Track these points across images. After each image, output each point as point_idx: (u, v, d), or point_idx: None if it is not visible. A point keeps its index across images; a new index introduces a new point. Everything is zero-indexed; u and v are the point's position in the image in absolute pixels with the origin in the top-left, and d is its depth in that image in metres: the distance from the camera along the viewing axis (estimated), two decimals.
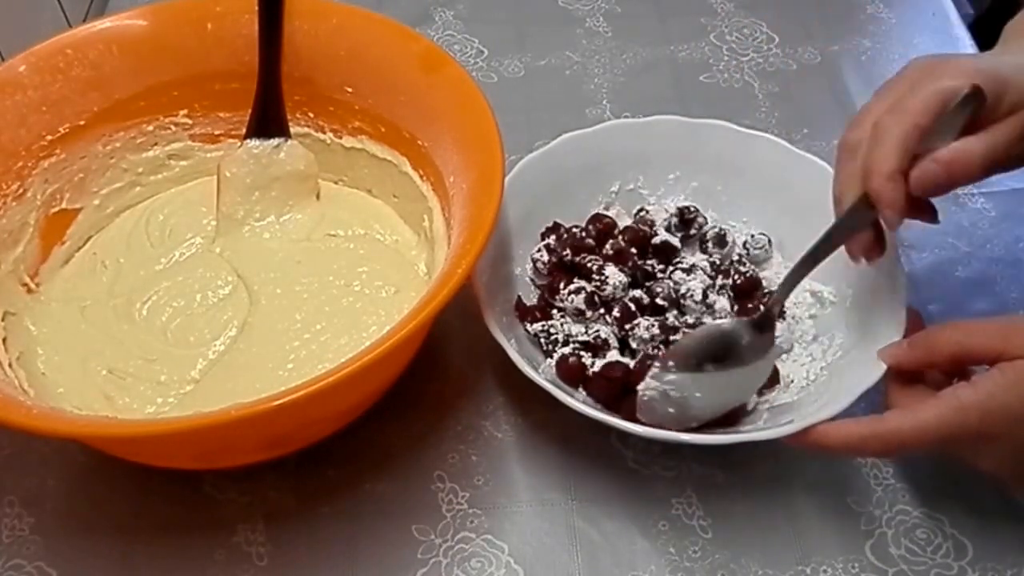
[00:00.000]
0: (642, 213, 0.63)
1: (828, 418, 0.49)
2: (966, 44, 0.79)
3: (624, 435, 0.56)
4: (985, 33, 0.82)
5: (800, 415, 0.51)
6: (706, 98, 0.76)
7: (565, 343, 0.56)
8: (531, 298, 0.60)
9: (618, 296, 0.57)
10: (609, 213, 0.63)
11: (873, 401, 0.50)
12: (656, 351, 0.55)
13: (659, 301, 0.57)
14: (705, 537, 0.53)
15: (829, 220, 0.59)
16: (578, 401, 0.51)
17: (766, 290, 0.60)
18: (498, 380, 0.59)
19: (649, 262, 0.60)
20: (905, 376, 0.50)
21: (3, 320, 0.56)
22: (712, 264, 0.61)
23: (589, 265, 0.58)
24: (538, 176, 0.61)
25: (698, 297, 0.57)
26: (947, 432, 0.46)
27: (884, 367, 0.50)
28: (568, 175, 0.62)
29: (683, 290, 0.57)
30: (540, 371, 0.53)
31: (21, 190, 0.58)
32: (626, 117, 0.66)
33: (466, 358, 0.60)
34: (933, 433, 0.46)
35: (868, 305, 0.56)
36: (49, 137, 0.59)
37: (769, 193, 0.62)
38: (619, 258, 0.59)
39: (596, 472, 0.55)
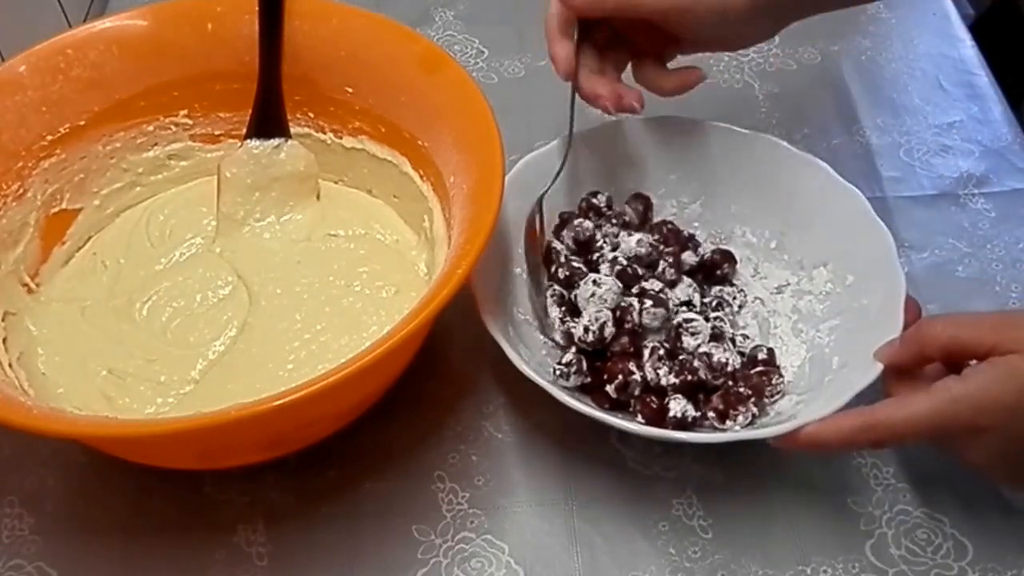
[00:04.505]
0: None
1: (821, 417, 0.49)
2: (967, 45, 0.79)
3: (624, 435, 0.56)
4: (986, 33, 0.83)
5: (799, 415, 0.51)
6: (706, 98, 0.75)
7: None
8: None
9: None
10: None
11: (871, 401, 0.50)
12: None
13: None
14: (705, 537, 0.53)
15: (829, 220, 0.60)
16: (578, 401, 0.51)
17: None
18: (498, 380, 0.59)
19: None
20: (902, 369, 0.51)
21: (3, 320, 0.56)
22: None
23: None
24: (538, 176, 0.61)
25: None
26: (938, 424, 0.46)
27: (880, 367, 0.50)
28: (568, 175, 0.62)
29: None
30: (527, 353, 0.53)
31: (21, 190, 0.58)
32: (627, 117, 0.66)
33: (466, 358, 0.60)
34: (924, 425, 0.47)
35: (866, 306, 0.56)
36: (49, 137, 0.59)
37: (769, 193, 0.62)
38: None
39: (596, 472, 0.55)
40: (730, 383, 0.54)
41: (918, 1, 0.84)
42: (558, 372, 0.54)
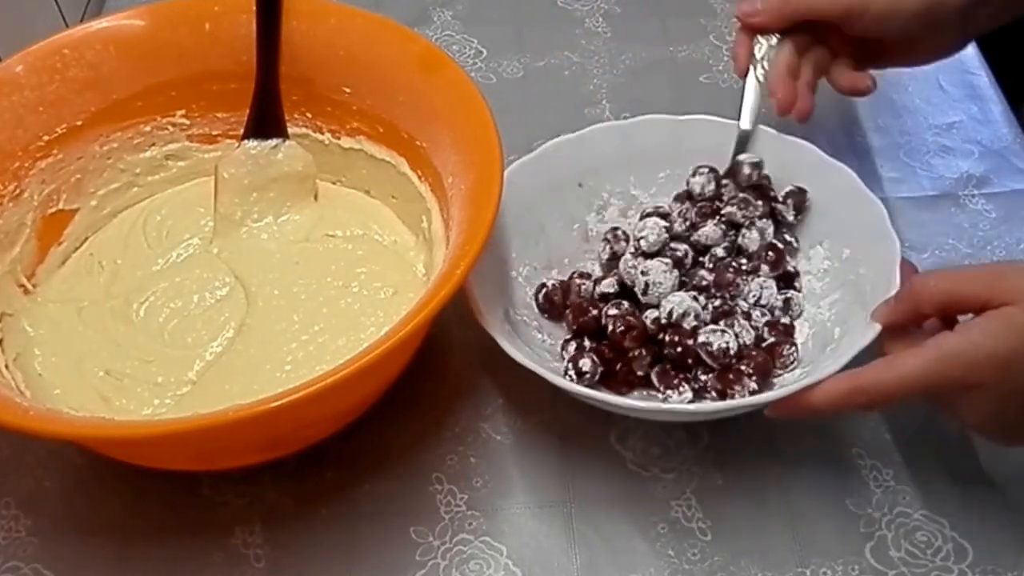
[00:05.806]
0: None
1: (813, 381, 0.48)
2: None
3: (623, 436, 0.56)
4: (986, 33, 0.82)
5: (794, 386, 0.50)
6: (706, 98, 0.75)
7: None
8: (527, 299, 0.59)
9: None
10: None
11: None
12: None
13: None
14: (704, 539, 0.52)
15: (821, 197, 0.60)
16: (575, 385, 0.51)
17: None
18: (497, 382, 0.59)
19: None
20: (899, 327, 0.50)
21: (0, 321, 0.56)
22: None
23: None
24: (530, 180, 0.61)
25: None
26: (930, 381, 0.45)
27: (878, 328, 0.50)
28: (561, 178, 0.62)
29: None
30: (526, 353, 0.53)
31: (18, 191, 0.58)
32: (625, 118, 0.66)
33: (465, 359, 0.60)
34: (916, 382, 0.45)
35: (864, 275, 0.56)
36: (46, 137, 0.59)
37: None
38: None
39: (595, 474, 0.55)
40: (732, 362, 0.53)
41: None
42: (571, 378, 0.53)
